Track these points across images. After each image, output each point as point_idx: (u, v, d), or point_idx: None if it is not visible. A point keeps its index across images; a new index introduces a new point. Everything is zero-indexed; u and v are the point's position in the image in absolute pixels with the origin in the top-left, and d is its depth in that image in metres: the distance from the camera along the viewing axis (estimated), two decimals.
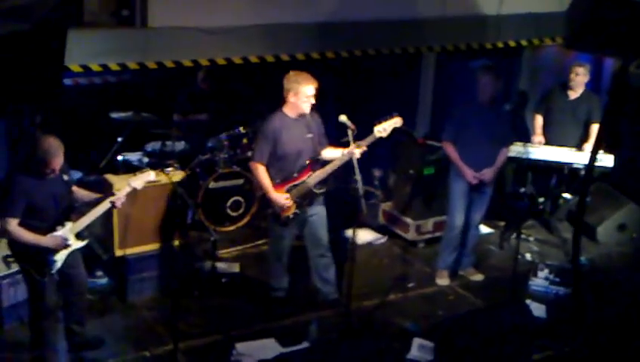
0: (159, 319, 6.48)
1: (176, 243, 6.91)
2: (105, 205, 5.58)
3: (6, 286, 6.14)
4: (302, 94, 6.17)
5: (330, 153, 6.42)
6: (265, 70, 8.68)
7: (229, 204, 8.12)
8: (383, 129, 6.29)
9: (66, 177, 5.50)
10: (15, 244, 5.40)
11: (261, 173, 6.34)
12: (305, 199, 6.40)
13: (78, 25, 6.99)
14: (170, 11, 7.45)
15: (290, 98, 6.23)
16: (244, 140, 8.33)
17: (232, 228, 8.18)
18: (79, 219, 5.55)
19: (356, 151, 6.18)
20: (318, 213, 6.52)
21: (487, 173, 7.05)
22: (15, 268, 6.16)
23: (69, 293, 5.68)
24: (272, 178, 6.35)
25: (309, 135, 6.30)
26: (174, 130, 8.06)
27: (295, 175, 6.37)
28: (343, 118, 6.15)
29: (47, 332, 5.59)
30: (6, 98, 5.12)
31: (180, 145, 8.27)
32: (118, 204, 5.61)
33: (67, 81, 8.29)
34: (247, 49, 7.99)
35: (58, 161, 5.29)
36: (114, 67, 7.39)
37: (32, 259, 5.36)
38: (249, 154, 8.32)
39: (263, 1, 7.89)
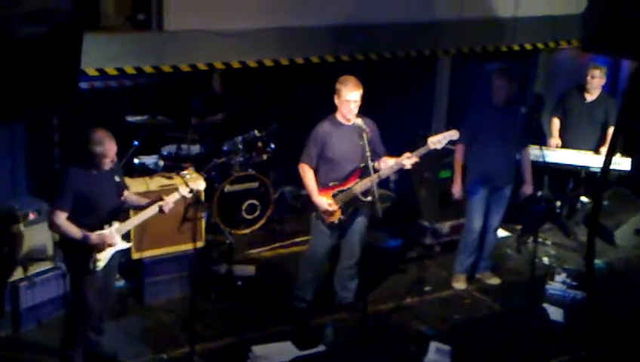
0: (176, 322, 6.50)
1: (193, 246, 6.91)
2: (153, 209, 5.61)
3: (24, 288, 6.17)
4: (342, 97, 6.15)
5: (383, 162, 6.32)
6: (280, 73, 8.70)
7: (244, 207, 8.12)
8: (437, 141, 6.25)
9: (117, 178, 5.55)
10: (63, 239, 5.45)
11: (307, 175, 6.31)
12: (350, 206, 6.34)
13: (94, 29, 7.03)
14: (186, 15, 7.47)
15: (335, 100, 6.23)
16: (260, 143, 8.33)
17: (247, 231, 8.19)
18: (126, 221, 5.59)
19: (406, 162, 6.18)
20: (359, 222, 6.47)
21: (527, 189, 7.14)
22: (33, 271, 6.21)
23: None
24: (319, 181, 6.32)
25: (361, 142, 6.17)
26: (190, 134, 8.08)
27: (342, 180, 6.32)
28: (358, 121, 6.14)
29: (80, 333, 5.60)
30: (22, 101, 5.14)
31: (196, 149, 8.28)
32: (166, 209, 5.63)
33: (83, 85, 8.32)
34: (262, 52, 7.99)
35: (113, 148, 5.35)
36: (130, 71, 7.42)
37: (78, 256, 5.38)
38: (264, 157, 8.35)
39: (278, 5, 7.90)
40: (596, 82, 8.19)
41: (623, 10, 5.73)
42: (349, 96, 6.14)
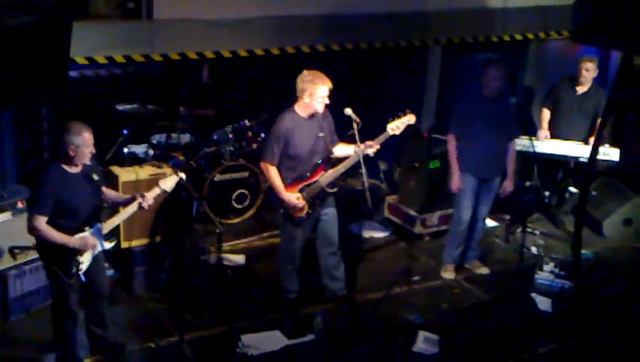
0: (165, 310, 6.50)
1: (182, 235, 6.92)
2: (134, 206, 5.50)
3: (12, 277, 6.16)
4: (316, 95, 6.09)
5: (342, 150, 6.35)
6: (270, 62, 8.69)
7: (234, 196, 8.13)
8: (395, 127, 6.23)
9: (95, 177, 5.42)
10: (42, 244, 5.31)
11: (272, 173, 6.25)
12: (317, 199, 6.33)
13: (84, 17, 7.00)
14: (176, 3, 7.46)
15: (305, 98, 6.14)
16: (250, 133, 8.34)
17: (237, 220, 8.21)
18: (108, 220, 5.51)
19: (369, 150, 6.17)
20: (329, 212, 6.47)
21: (508, 185, 7.12)
22: (21, 259, 6.20)
23: (89, 297, 5.62)
24: (284, 178, 6.27)
25: (321, 134, 6.20)
26: (179, 123, 8.07)
27: (308, 174, 6.29)
28: (348, 110, 6.12)
29: (69, 332, 5.55)
30: (12, 90, 5.13)
31: (186, 138, 8.27)
32: (147, 205, 5.51)
33: (73, 73, 8.29)
34: (253, 41, 7.98)
35: (91, 139, 5.21)
36: (119, 59, 7.40)
37: (60, 260, 5.28)
38: (254, 146, 8.35)
39: None
40: (590, 75, 8.19)
41: (612, 3, 5.78)
42: (325, 92, 6.09)
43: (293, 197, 6.26)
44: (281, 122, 6.22)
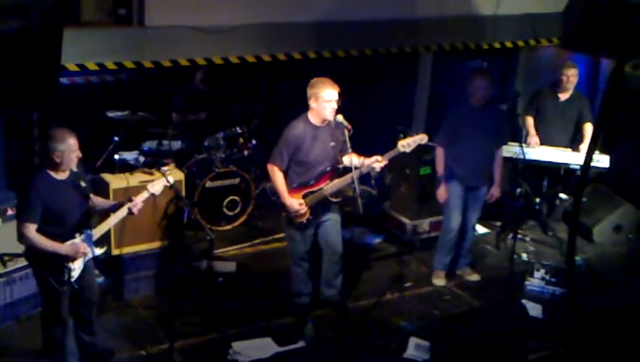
0: (155, 318, 6.48)
1: (173, 242, 6.90)
2: (123, 211, 5.49)
3: (2, 284, 6.14)
4: (322, 99, 6.10)
5: (351, 161, 6.29)
6: (262, 69, 8.70)
7: (225, 203, 8.12)
8: (407, 144, 6.25)
9: (83, 184, 5.40)
10: (33, 252, 5.29)
11: (277, 176, 6.26)
12: (320, 206, 6.34)
13: (75, 24, 7.00)
14: (167, 10, 7.45)
15: (312, 104, 6.16)
16: (241, 139, 8.34)
17: (228, 227, 8.19)
18: (97, 226, 5.49)
19: (376, 165, 6.18)
20: (332, 218, 6.46)
21: (496, 192, 7.14)
22: (11, 266, 6.18)
23: (77, 303, 5.59)
24: (289, 182, 6.28)
25: (332, 143, 6.19)
26: (171, 129, 8.06)
27: (313, 182, 6.29)
28: (339, 117, 6.14)
29: (59, 340, 5.52)
30: (2, 96, 5.12)
31: (177, 145, 8.27)
32: (136, 210, 5.51)
33: (64, 80, 8.27)
34: (244, 48, 7.99)
35: (76, 144, 5.20)
36: (110, 66, 7.39)
37: (51, 268, 5.25)
38: (245, 153, 8.35)
39: (260, 1, 7.89)
40: (572, 81, 8.22)
41: (601, 10, 5.82)
42: (330, 95, 6.11)
43: (295, 202, 6.26)
44: (293, 128, 6.23)
